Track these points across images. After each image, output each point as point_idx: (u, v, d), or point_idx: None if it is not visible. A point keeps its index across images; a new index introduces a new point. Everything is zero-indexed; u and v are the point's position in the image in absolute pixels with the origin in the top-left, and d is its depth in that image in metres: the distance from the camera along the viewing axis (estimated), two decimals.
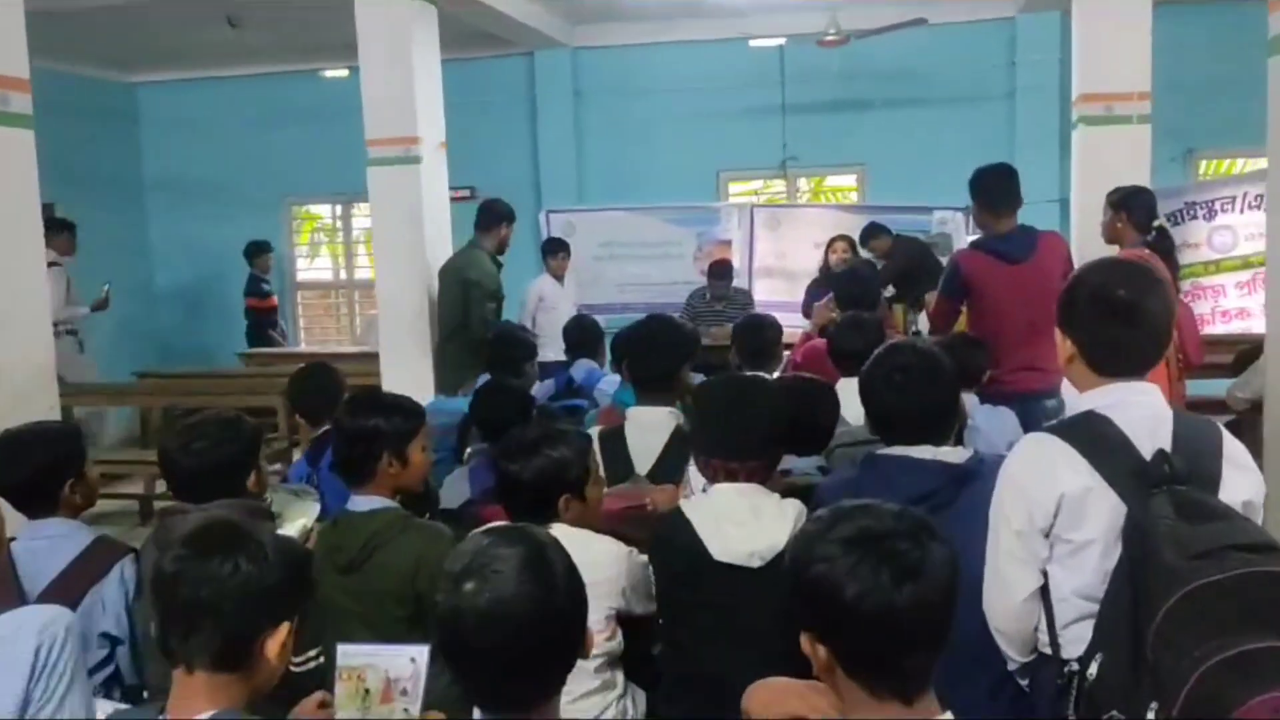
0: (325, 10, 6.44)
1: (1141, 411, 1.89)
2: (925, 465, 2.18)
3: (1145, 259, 4.48)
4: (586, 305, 8.90)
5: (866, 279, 4.42)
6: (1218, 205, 7.56)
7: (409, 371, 5.81)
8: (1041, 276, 4.19)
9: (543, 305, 7.68)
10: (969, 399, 3.81)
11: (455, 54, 8.94)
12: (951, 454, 2.21)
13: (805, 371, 4.22)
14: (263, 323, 9.28)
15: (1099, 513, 1.85)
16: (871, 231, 7.57)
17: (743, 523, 2.18)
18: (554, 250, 7.68)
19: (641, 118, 9.04)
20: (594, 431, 3.22)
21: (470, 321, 5.68)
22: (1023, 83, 8.34)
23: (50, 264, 8.04)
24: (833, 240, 7.37)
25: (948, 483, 2.14)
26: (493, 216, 5.96)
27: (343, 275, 10.62)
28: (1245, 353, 5.40)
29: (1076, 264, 4.86)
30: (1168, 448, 1.82)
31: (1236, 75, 7.91)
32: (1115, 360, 1.95)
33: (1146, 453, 1.83)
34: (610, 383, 4.35)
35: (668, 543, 2.25)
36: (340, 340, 10.41)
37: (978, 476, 2.15)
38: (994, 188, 4.26)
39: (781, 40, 8.46)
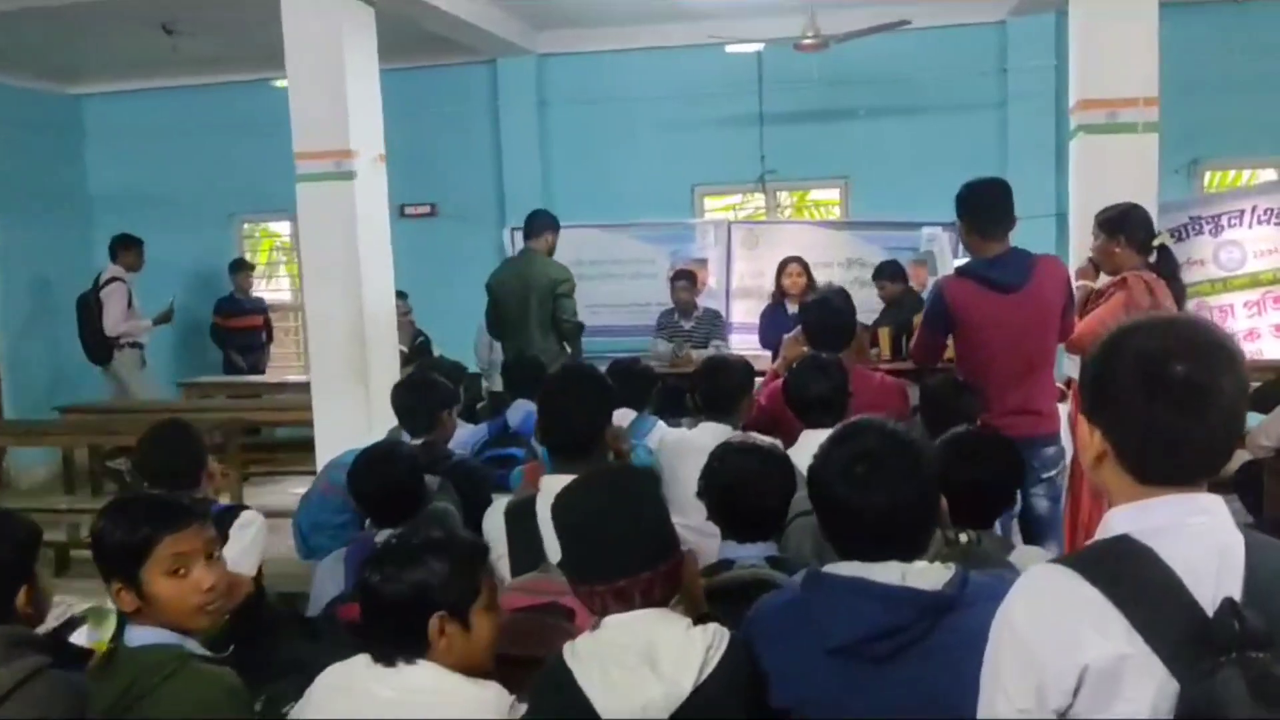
0: (263, 16, 5.93)
1: (1202, 542, 1.31)
2: (890, 593, 1.62)
3: (1150, 283, 3.97)
4: None
5: (839, 310, 3.87)
6: (1224, 219, 7.07)
7: (342, 405, 5.27)
8: (1038, 307, 3.67)
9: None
10: None
11: (413, 62, 8.48)
12: (926, 574, 1.65)
13: (773, 417, 3.69)
14: (231, 344, 8.75)
15: (1139, 691, 1.26)
16: (888, 272, 7.05)
17: (633, 667, 1.64)
18: None
19: (611, 129, 8.52)
20: (498, 508, 2.68)
21: (563, 323, 5.98)
22: (1015, 90, 7.83)
23: (112, 279, 7.88)
24: (785, 263, 6.85)
25: (918, 616, 1.58)
26: (539, 224, 6.18)
27: (302, 298, 10.06)
28: (1267, 387, 4.87)
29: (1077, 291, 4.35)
30: (1238, 594, 1.26)
31: (1245, 79, 7.47)
32: (1167, 465, 1.34)
33: (1208, 603, 1.26)
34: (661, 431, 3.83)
35: (544, 699, 1.69)
36: (299, 369, 9.86)
37: (962, 606, 1.60)
38: (984, 205, 3.73)
39: (759, 46, 7.93)
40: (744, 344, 8.15)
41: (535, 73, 8.53)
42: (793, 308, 6.63)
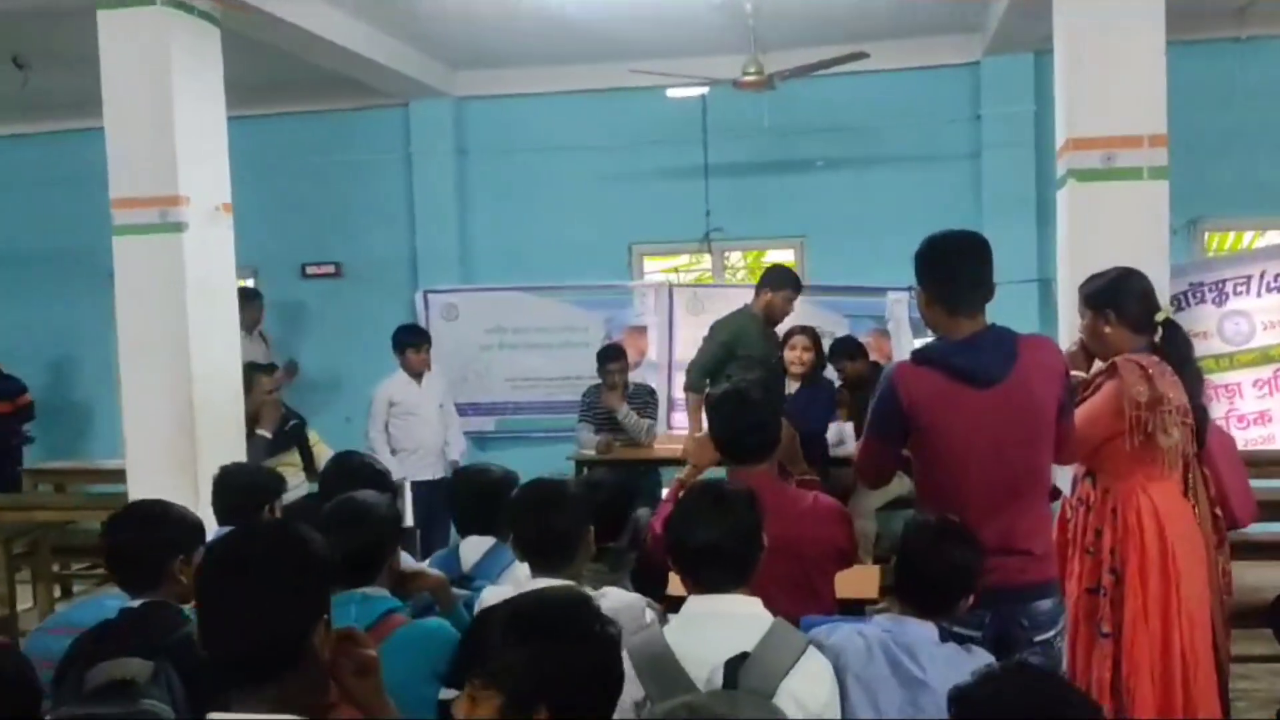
0: None
1: None
2: None
3: (1146, 368, 3.01)
4: (470, 404, 7.39)
5: (758, 406, 2.87)
6: (1229, 287, 6.16)
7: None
8: (1024, 407, 2.69)
9: (396, 411, 6.11)
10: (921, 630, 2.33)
11: (312, 105, 7.56)
12: None
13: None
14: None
15: None
16: (847, 350, 6.13)
17: None
18: (409, 341, 6.11)
19: (538, 181, 7.58)
20: None
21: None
22: (991, 138, 6.95)
23: None
24: (791, 334, 5.84)
25: None
26: (763, 280, 5.85)
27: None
28: None
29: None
30: None
31: (1250, 127, 6.60)
32: None
33: None
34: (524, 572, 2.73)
35: None
36: None
37: None
38: (952, 267, 2.75)
39: (703, 89, 7.03)
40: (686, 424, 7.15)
41: (452, 117, 7.59)
42: (793, 385, 5.66)
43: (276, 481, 3.41)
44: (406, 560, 2.92)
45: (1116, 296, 3.14)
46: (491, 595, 2.59)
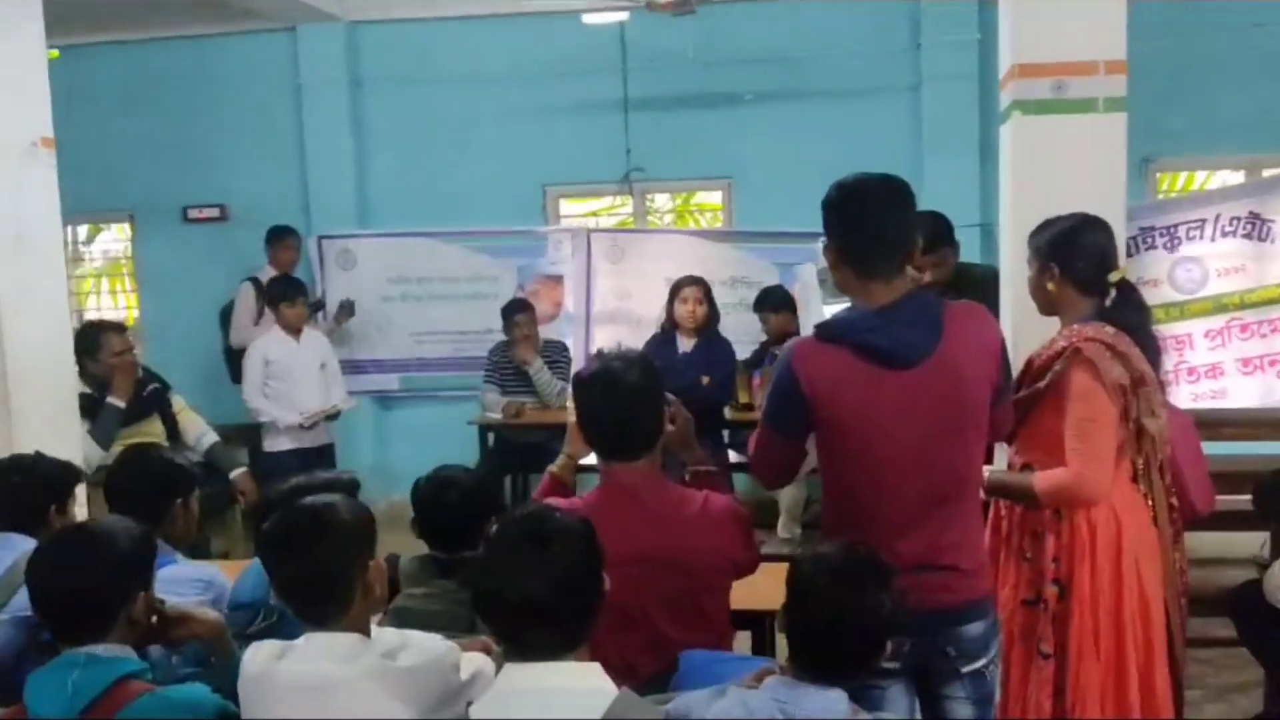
0: None
1: None
2: None
3: (1113, 346, 2.51)
4: (373, 361, 6.79)
5: (632, 393, 2.33)
6: (1182, 231, 5.72)
7: None
8: (951, 391, 2.19)
9: (273, 371, 5.49)
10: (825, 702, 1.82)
11: (188, 29, 6.81)
12: None
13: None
14: None
15: None
16: (771, 301, 5.68)
17: None
18: (282, 294, 5.48)
19: (442, 115, 6.91)
20: None
21: None
22: (931, 69, 6.40)
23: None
24: (678, 285, 5.34)
25: None
26: None
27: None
28: (1273, 485, 3.44)
29: (1014, 345, 2.86)
30: None
31: (1207, 61, 6.13)
32: None
33: None
34: None
35: None
36: None
37: None
38: (863, 220, 2.22)
39: (622, 15, 6.40)
40: None
41: (344, 44, 6.86)
42: (687, 343, 5.13)
43: (66, 476, 2.82)
44: (186, 589, 2.38)
45: (1066, 250, 2.62)
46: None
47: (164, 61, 6.99)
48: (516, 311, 5.90)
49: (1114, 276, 2.63)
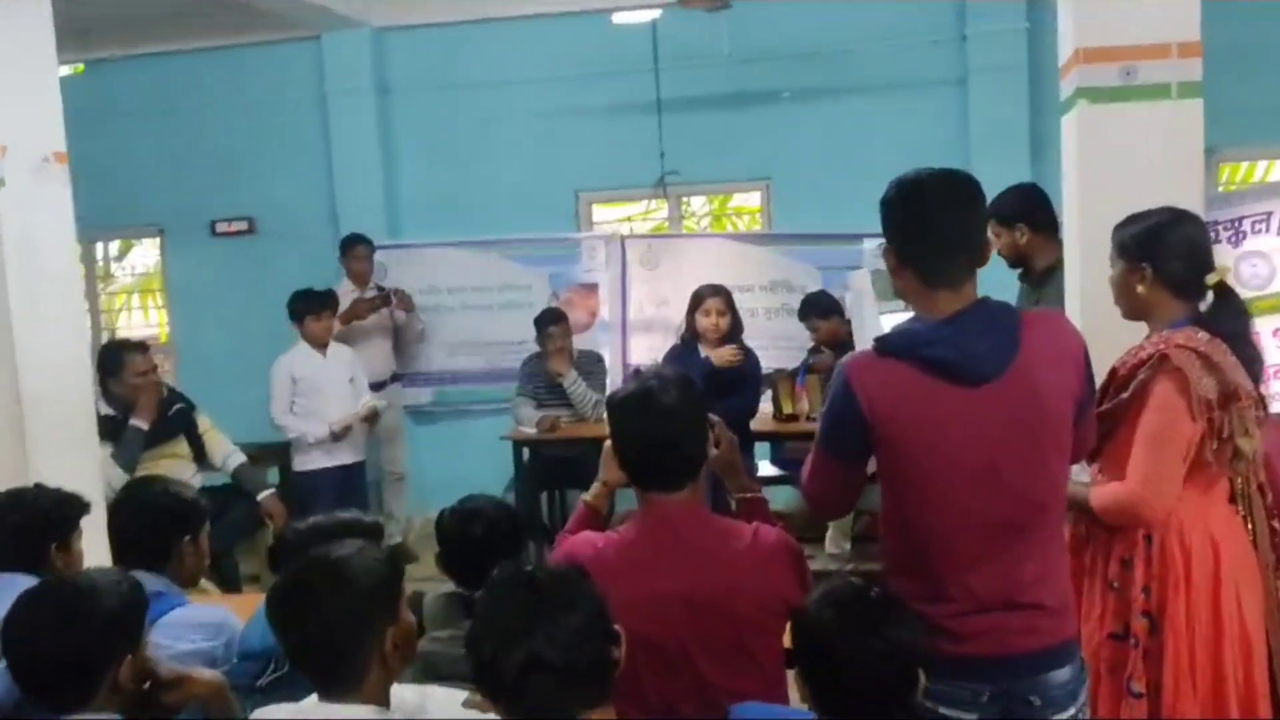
0: None
1: None
2: None
3: (1206, 355, 2.27)
4: (406, 374, 6.63)
5: (671, 416, 2.12)
6: (1247, 225, 5.42)
7: None
8: (1031, 408, 1.95)
9: (301, 389, 5.35)
10: None
11: (219, 40, 6.70)
12: None
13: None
14: None
15: None
16: (818, 307, 5.52)
17: None
18: (308, 307, 5.33)
19: (471, 121, 6.74)
20: None
21: None
22: (978, 61, 6.13)
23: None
24: (698, 295, 5.11)
25: None
26: None
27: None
28: None
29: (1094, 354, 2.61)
30: None
31: (1270, 46, 5.84)
32: None
33: None
34: None
35: None
36: None
37: None
38: (928, 222, 1.98)
39: (653, 13, 6.21)
40: None
41: (370, 51, 6.71)
42: (708, 352, 4.92)
43: (67, 510, 2.65)
44: (192, 635, 2.19)
45: (1159, 247, 2.38)
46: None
47: (189, 74, 6.88)
48: (550, 322, 5.71)
49: (1211, 278, 2.38)
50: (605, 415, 2.27)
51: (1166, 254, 2.36)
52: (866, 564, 5.46)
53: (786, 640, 2.14)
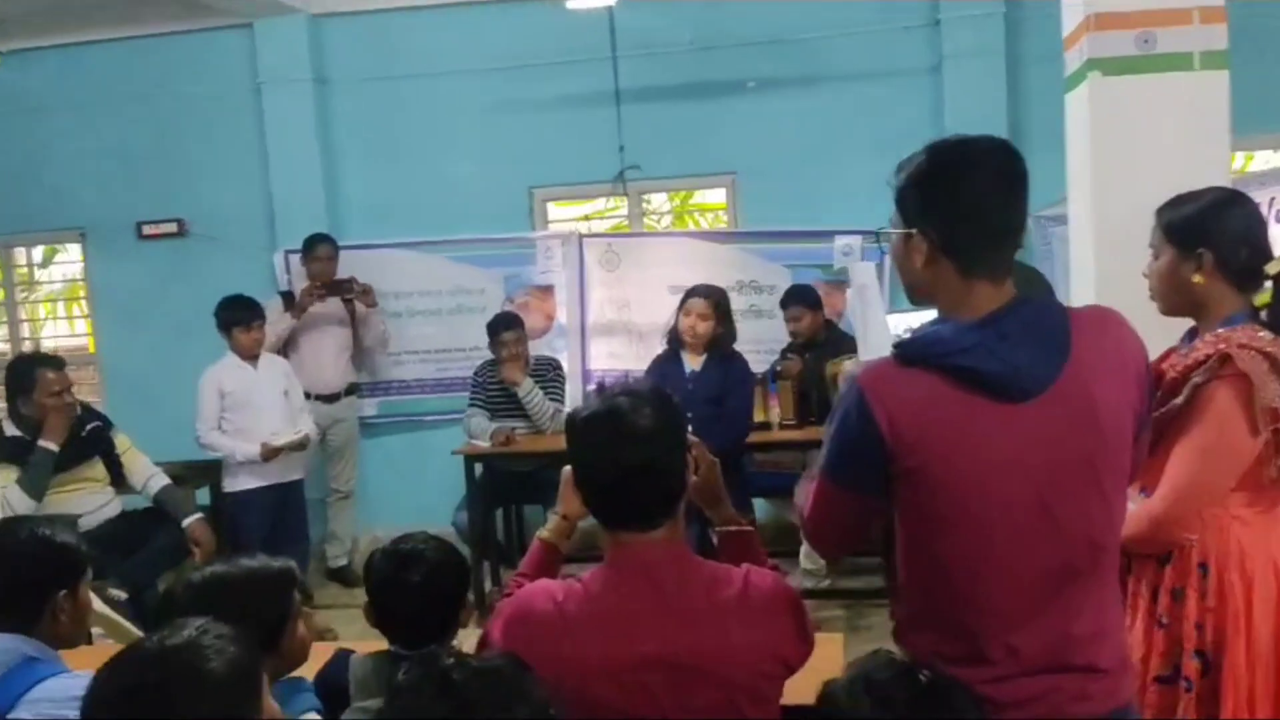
0: None
1: None
2: None
3: (1262, 351, 1.95)
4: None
5: (641, 438, 1.74)
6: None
7: None
8: (1087, 428, 1.60)
9: (230, 403, 4.91)
10: None
11: (144, 29, 6.24)
12: None
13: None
14: None
15: None
16: (806, 299, 5.24)
17: None
18: (235, 318, 4.90)
19: (417, 115, 6.33)
20: None
21: None
22: (953, 47, 5.82)
23: None
24: (686, 296, 4.70)
25: None
26: None
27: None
28: None
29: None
30: None
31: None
32: None
33: None
34: None
35: None
36: None
37: None
38: (976, 200, 1.61)
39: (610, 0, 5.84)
40: None
41: (308, 39, 6.25)
42: (694, 361, 4.53)
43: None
44: (68, 710, 1.79)
45: (1217, 230, 2.06)
46: None
47: (113, 65, 6.41)
48: (503, 327, 5.32)
49: (1272, 268, 2.05)
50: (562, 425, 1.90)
51: (1227, 238, 2.04)
52: (847, 580, 5.14)
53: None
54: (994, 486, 1.58)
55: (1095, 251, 2.77)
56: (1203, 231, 2.06)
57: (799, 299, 5.24)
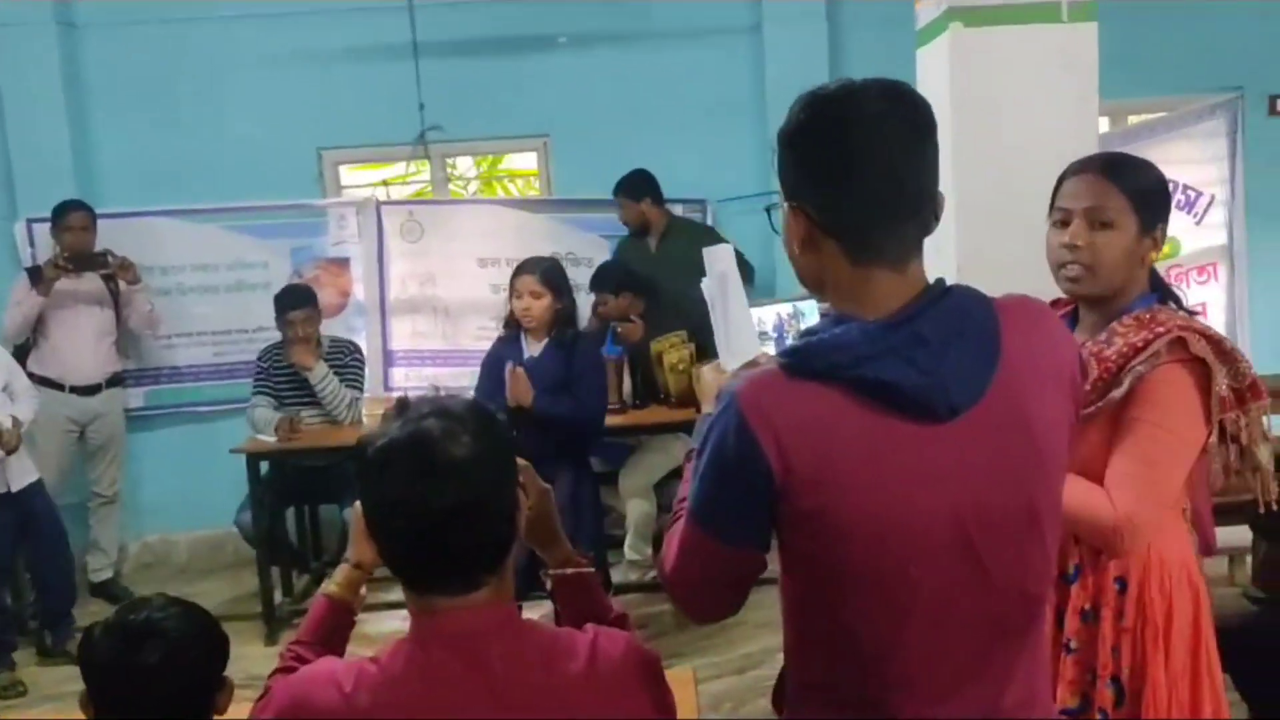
0: None
1: None
2: None
3: (1206, 336, 1.71)
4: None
5: (457, 469, 1.32)
6: None
7: None
8: (1021, 452, 1.26)
9: None
10: None
11: None
12: None
13: None
14: None
15: None
16: (617, 280, 4.88)
17: None
18: None
19: (187, 65, 5.59)
20: None
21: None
22: (773, 9, 5.56)
23: None
24: (514, 273, 4.13)
25: None
26: None
27: None
28: None
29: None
30: None
31: None
32: None
33: None
34: None
35: None
36: None
37: None
38: (864, 164, 1.24)
39: None
40: (412, 386, 5.55)
41: None
42: (534, 345, 4.00)
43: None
44: None
45: (1167, 201, 1.83)
46: None
47: None
48: (291, 305, 4.73)
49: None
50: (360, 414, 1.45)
51: (1167, 207, 1.81)
52: None
53: None
54: (913, 531, 1.23)
55: (958, 225, 2.51)
56: (1165, 204, 1.82)
57: (603, 282, 4.87)
